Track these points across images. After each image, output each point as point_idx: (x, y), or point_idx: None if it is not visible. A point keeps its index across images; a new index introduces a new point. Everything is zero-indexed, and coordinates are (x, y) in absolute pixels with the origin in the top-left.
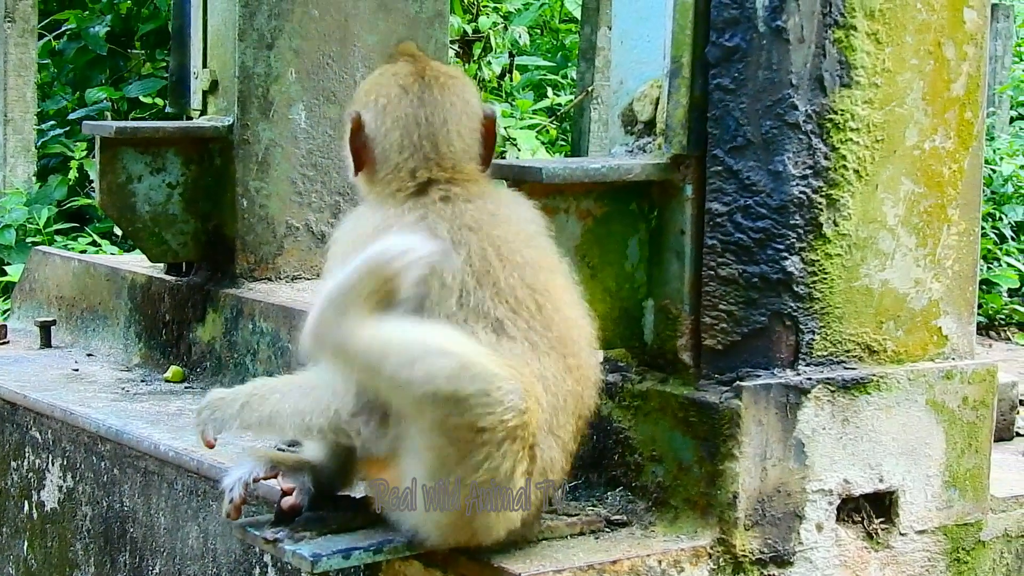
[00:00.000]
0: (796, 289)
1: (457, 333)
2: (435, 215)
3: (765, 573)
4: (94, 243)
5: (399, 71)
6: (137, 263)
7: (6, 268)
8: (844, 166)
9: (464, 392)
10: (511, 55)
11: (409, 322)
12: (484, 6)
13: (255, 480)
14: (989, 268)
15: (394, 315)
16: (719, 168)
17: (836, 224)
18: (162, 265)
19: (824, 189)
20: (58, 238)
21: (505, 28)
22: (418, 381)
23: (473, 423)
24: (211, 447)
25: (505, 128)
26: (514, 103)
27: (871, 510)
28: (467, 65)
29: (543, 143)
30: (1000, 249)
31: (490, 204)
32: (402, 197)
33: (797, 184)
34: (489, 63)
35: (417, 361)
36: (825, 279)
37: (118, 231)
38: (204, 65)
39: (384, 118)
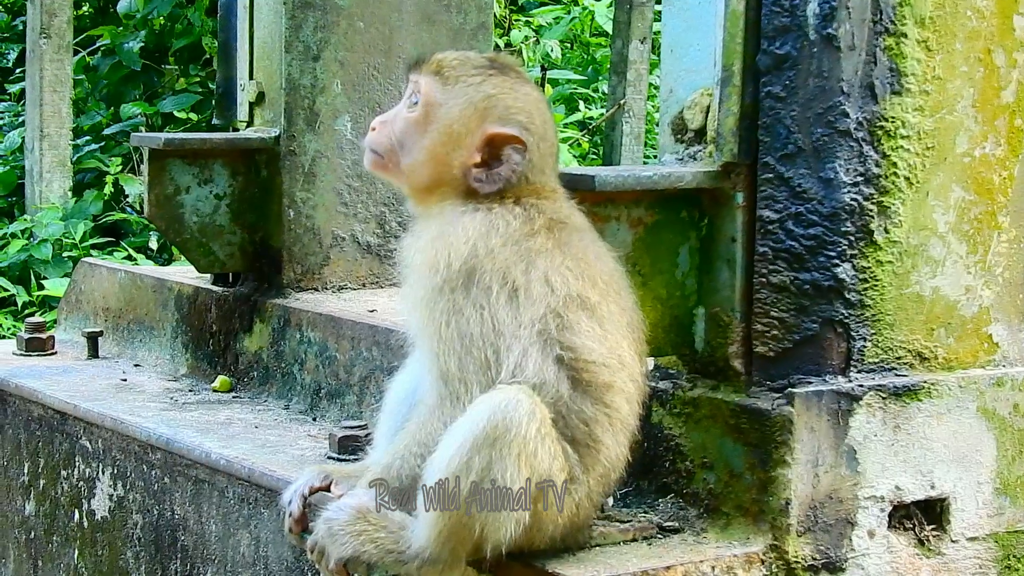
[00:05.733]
0: (848, 296)
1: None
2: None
3: None
4: (129, 257)
5: (538, 93)
6: (183, 274)
7: (43, 282)
8: (895, 173)
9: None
10: (543, 69)
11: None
12: (516, 20)
13: (311, 491)
14: None
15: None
16: (770, 176)
17: (887, 231)
18: (208, 276)
19: (875, 196)
20: (94, 252)
21: (537, 42)
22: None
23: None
24: None
25: None
26: None
27: (922, 517)
28: None
29: (575, 156)
30: None
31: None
32: (502, 201)
33: (848, 191)
34: None
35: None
36: (876, 286)
37: (153, 245)
38: (251, 77)
39: (543, 141)
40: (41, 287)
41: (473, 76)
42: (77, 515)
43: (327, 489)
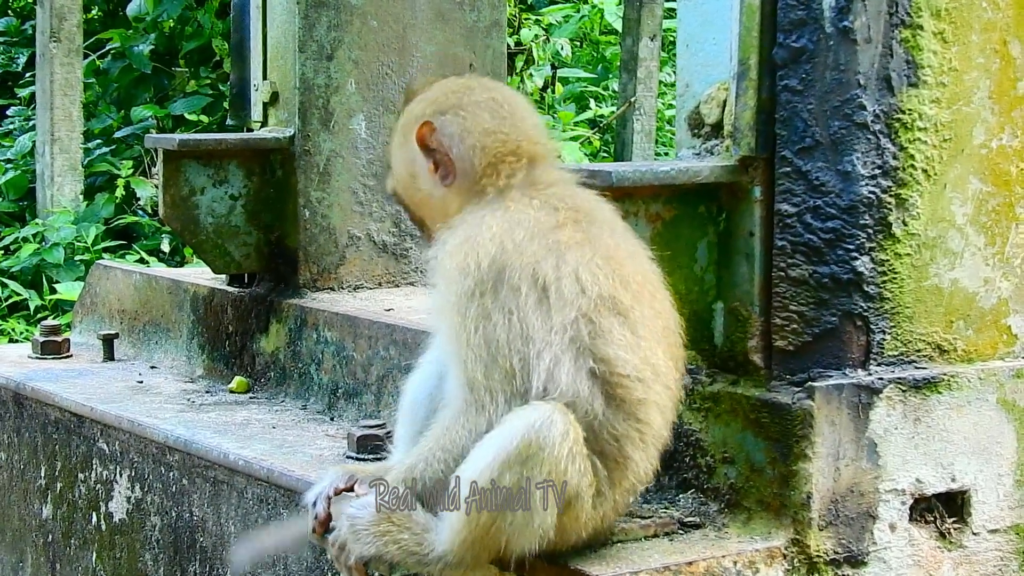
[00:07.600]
0: (866, 289)
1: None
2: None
3: (839, 573)
4: (141, 260)
5: (466, 81)
6: (199, 275)
7: (55, 286)
8: (912, 166)
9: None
10: (553, 67)
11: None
12: (526, 19)
13: (336, 493)
14: None
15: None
16: (788, 169)
17: (905, 224)
18: (224, 277)
19: (893, 189)
20: (106, 255)
21: (547, 40)
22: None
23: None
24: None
25: None
26: (556, 115)
27: (943, 510)
28: (509, 78)
29: (586, 155)
30: None
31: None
32: (515, 197)
33: (866, 184)
34: (531, 75)
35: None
36: (895, 279)
37: (165, 248)
38: (264, 77)
39: (478, 109)
40: (53, 291)
41: (403, 128)
42: (95, 518)
43: (351, 490)
